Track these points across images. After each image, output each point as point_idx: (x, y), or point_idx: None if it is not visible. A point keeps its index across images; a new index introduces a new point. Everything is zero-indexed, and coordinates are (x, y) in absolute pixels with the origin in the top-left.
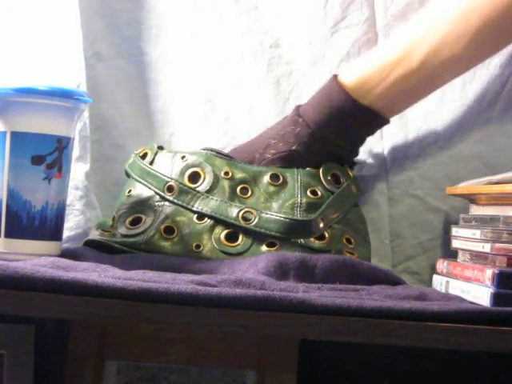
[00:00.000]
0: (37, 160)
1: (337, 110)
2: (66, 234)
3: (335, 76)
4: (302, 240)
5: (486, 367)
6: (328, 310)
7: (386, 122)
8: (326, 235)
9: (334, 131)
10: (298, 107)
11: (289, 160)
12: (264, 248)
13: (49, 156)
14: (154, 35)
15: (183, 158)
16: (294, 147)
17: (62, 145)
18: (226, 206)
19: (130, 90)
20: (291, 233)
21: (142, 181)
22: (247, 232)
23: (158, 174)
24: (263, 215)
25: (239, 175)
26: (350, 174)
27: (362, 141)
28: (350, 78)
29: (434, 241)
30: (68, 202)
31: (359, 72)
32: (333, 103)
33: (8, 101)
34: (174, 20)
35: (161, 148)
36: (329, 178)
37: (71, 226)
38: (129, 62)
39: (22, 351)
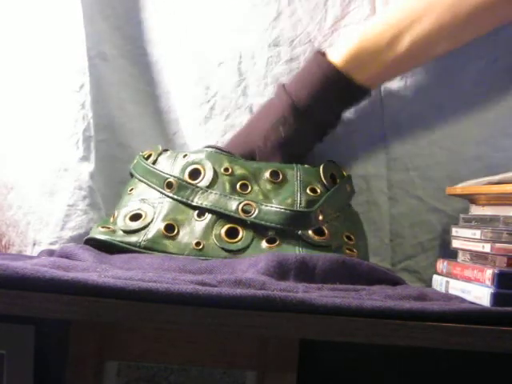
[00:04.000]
0: None
1: (332, 91)
2: (68, 233)
3: (322, 54)
4: (302, 235)
5: (486, 367)
6: (328, 310)
7: (369, 94)
8: (326, 231)
9: (325, 112)
10: (283, 88)
11: (286, 147)
12: (264, 244)
13: None
14: (155, 35)
15: (185, 156)
16: (288, 133)
17: None
18: (225, 199)
19: (134, 90)
20: (291, 224)
21: (143, 179)
22: (247, 226)
23: (158, 171)
24: (263, 207)
25: (239, 171)
26: (344, 173)
27: (344, 112)
28: (340, 56)
29: (434, 241)
30: (71, 202)
31: (350, 51)
32: (328, 85)
33: None
34: (175, 20)
35: (166, 151)
36: (327, 175)
37: (74, 225)
38: (132, 62)
39: (21, 351)
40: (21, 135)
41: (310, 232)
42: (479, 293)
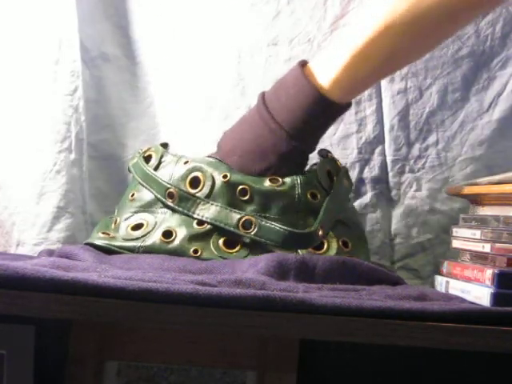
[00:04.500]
0: None
1: (323, 118)
2: (55, 235)
3: (307, 75)
4: (299, 251)
5: (486, 367)
6: (328, 310)
7: (349, 108)
8: (325, 244)
9: (315, 139)
10: (268, 111)
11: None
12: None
13: None
14: (156, 36)
15: (186, 163)
16: (275, 159)
17: None
18: (225, 212)
19: (135, 90)
20: (291, 244)
21: (145, 185)
22: (246, 242)
23: (159, 179)
24: (263, 224)
25: (238, 177)
26: (339, 164)
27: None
28: (329, 81)
29: (434, 240)
30: (62, 204)
31: (340, 77)
32: (320, 115)
33: None
34: (176, 20)
35: (164, 146)
36: (324, 175)
37: (61, 227)
38: (133, 62)
39: (21, 351)
40: (10, 137)
41: None
42: (479, 293)
